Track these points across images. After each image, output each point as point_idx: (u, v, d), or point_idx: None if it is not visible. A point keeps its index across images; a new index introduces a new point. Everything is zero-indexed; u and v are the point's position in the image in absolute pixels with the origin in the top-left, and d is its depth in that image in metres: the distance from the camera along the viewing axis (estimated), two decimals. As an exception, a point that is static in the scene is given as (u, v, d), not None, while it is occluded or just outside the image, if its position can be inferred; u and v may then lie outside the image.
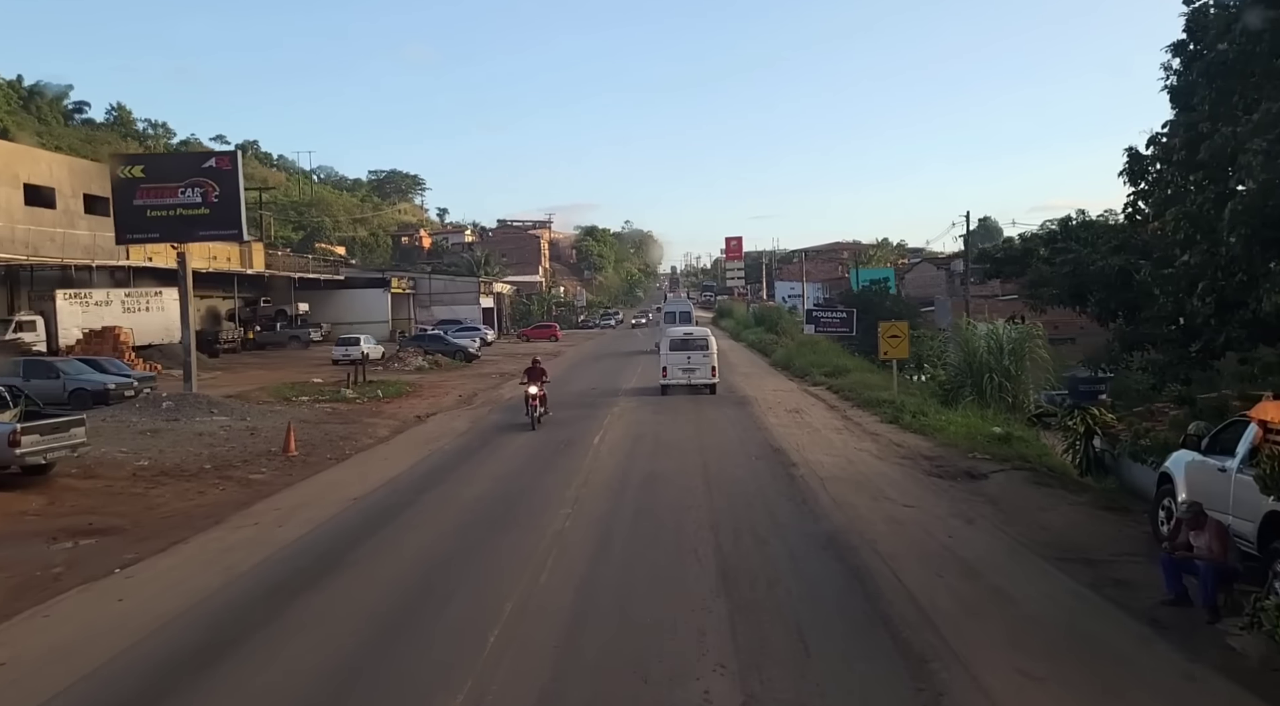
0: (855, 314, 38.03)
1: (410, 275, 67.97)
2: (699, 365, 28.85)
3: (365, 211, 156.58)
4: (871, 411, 23.95)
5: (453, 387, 34.20)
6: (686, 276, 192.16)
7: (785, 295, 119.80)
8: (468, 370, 42.38)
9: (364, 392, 30.51)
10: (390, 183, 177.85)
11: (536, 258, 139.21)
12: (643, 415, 24.83)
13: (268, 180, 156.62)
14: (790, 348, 42.40)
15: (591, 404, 27.62)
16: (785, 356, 40.53)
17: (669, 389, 28.96)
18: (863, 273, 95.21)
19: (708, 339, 30.09)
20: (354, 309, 63.03)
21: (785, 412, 24.63)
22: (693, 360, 28.89)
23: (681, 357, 29.01)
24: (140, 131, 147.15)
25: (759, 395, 29.32)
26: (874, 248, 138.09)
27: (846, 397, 27.26)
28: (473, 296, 67.89)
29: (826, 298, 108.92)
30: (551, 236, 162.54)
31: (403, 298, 66.94)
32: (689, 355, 29.01)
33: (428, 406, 27.95)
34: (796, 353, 39.55)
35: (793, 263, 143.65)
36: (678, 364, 28.98)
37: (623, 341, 61.65)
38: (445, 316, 67.00)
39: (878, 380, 28.90)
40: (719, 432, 21.43)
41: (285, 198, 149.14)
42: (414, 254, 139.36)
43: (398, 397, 30.27)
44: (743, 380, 34.87)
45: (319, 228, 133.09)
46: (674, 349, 29.36)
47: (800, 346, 41.05)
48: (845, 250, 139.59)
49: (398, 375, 39.08)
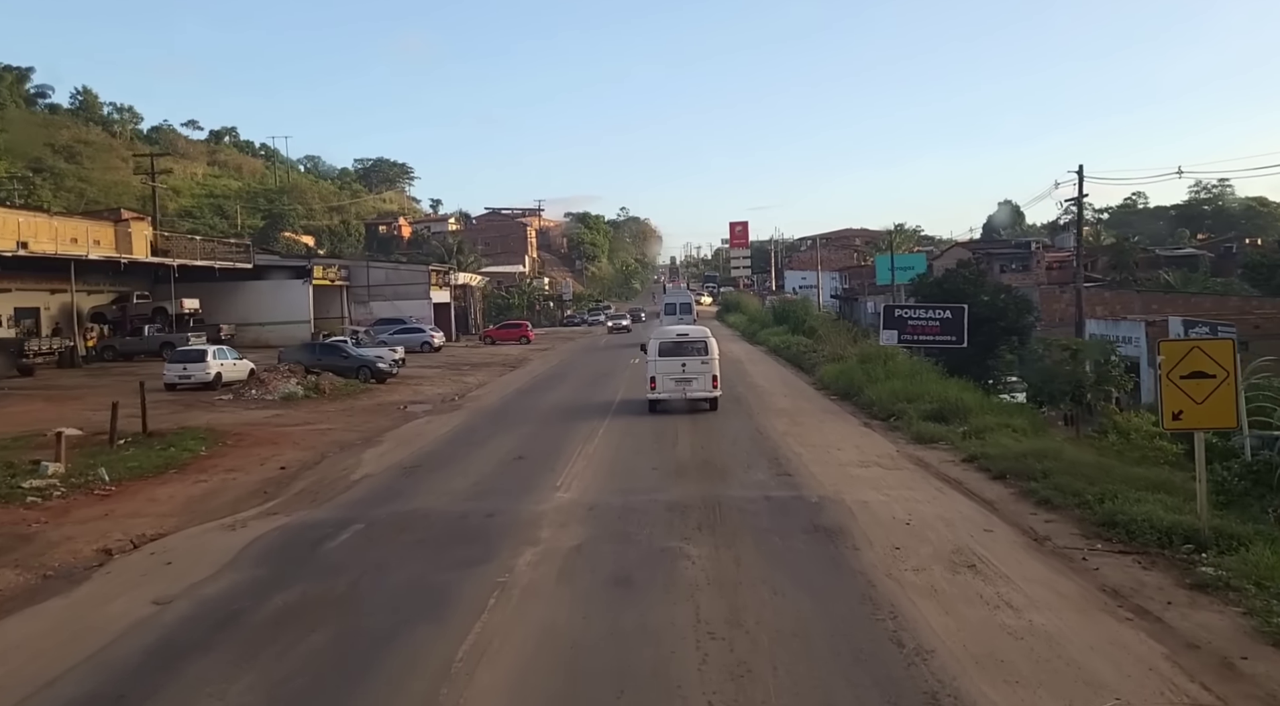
0: (965, 313, 23.79)
1: (343, 263, 53.56)
2: (696, 374, 22.60)
3: (343, 199, 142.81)
4: (1179, 579, 8.94)
5: (299, 442, 19.85)
6: (687, 267, 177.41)
7: (796, 285, 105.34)
8: (367, 398, 28.02)
9: (104, 462, 16.16)
10: (377, 171, 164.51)
11: (524, 247, 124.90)
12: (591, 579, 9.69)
13: (242, 167, 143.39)
14: (847, 362, 27.88)
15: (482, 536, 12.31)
16: (840, 377, 26.04)
17: (658, 404, 22.68)
18: (883, 259, 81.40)
19: (706, 341, 23.32)
20: (267, 306, 48.70)
21: (946, 571, 9.36)
22: (688, 368, 22.68)
23: (674, 365, 22.76)
24: (105, 116, 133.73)
25: (839, 482, 14.15)
26: (892, 233, 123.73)
27: (1049, 505, 11.80)
28: (421, 289, 53.38)
29: (847, 288, 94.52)
30: (542, 224, 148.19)
31: (332, 291, 52.58)
32: (684, 362, 22.77)
33: (157, 516, 13.11)
34: (860, 373, 25.02)
35: (802, 251, 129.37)
36: (670, 373, 22.70)
37: (591, 360, 40.00)
38: (387, 313, 52.68)
39: (1071, 450, 14.52)
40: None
41: (260, 185, 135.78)
42: (392, 244, 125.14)
43: (155, 477, 15.86)
44: (788, 427, 20.34)
45: (282, 215, 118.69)
46: (665, 354, 22.86)
47: (864, 362, 26.47)
48: (857, 237, 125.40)
49: (240, 410, 24.76)
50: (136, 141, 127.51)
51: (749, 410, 22.71)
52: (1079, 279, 35.83)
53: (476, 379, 35.15)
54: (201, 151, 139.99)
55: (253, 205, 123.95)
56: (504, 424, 22.25)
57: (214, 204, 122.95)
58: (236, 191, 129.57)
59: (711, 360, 22.81)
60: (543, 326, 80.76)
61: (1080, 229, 38.77)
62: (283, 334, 48.04)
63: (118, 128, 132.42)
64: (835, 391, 25.30)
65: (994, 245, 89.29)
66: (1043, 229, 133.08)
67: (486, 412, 24.68)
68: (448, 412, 24.88)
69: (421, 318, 52.98)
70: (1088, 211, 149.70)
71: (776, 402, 24.32)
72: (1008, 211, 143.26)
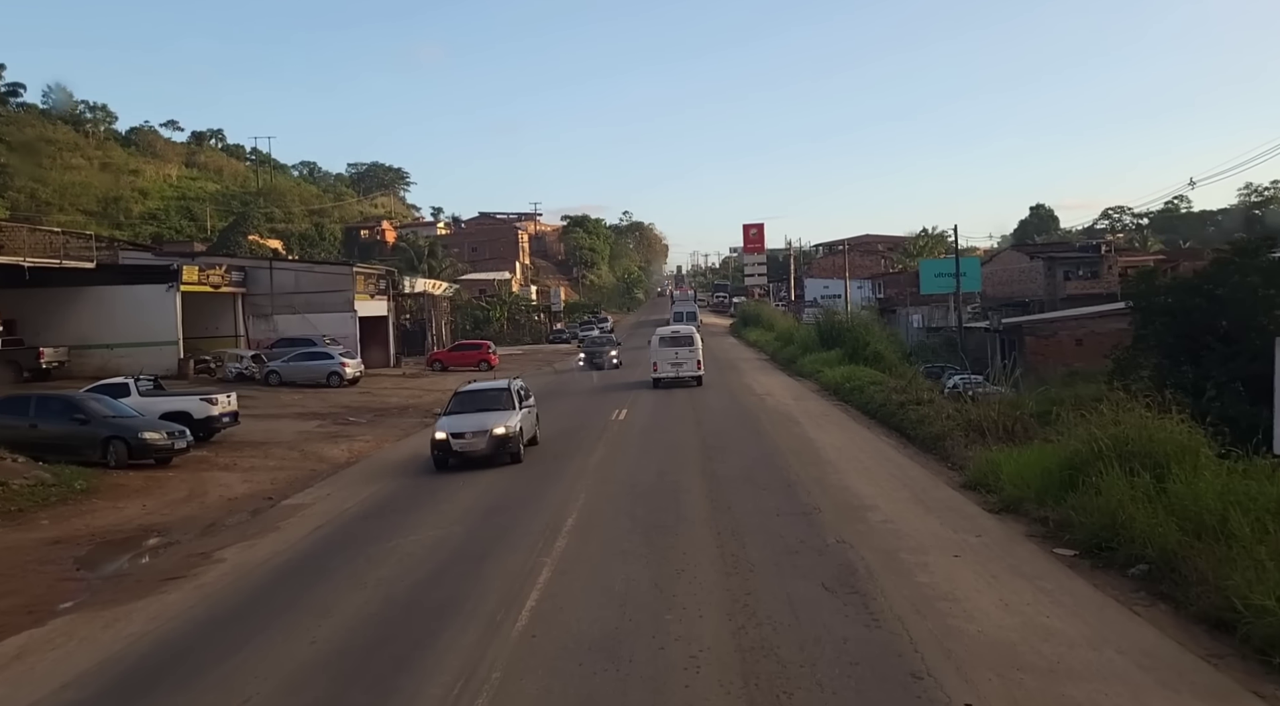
0: None
1: (235, 263, 38.76)
2: (685, 360, 29.68)
3: (325, 202, 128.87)
4: None
5: None
6: (694, 276, 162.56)
7: (818, 295, 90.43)
8: (68, 512, 13.43)
9: None
10: (371, 176, 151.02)
11: (514, 253, 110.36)
12: None
13: (223, 169, 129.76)
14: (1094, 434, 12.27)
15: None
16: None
17: (660, 382, 29.25)
18: (929, 264, 66.68)
19: (693, 337, 30.99)
20: (122, 321, 34.11)
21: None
22: (680, 356, 29.71)
23: (670, 353, 29.79)
24: (78, 114, 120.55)
25: None
26: (921, 238, 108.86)
27: None
28: (344, 299, 38.49)
29: (881, 297, 79.63)
30: (538, 229, 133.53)
31: (222, 300, 37.91)
32: (676, 351, 29.84)
33: None
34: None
35: (819, 257, 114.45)
36: (666, 359, 29.69)
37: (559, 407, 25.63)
38: (298, 330, 38.01)
39: None
40: None
41: (240, 188, 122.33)
42: (374, 249, 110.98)
43: None
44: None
45: (247, 217, 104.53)
46: (664, 345, 30.15)
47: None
48: (879, 243, 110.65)
49: None
50: (112, 142, 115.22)
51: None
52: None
53: (357, 447, 20.59)
54: (180, 153, 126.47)
55: (225, 208, 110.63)
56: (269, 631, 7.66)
57: (183, 206, 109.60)
58: (212, 194, 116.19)
59: (696, 349, 30.10)
60: (525, 343, 66.20)
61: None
62: (142, 359, 33.53)
63: (89, 127, 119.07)
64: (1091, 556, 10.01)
65: (1055, 248, 74.26)
66: (1079, 234, 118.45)
67: (252, 592, 10.03)
68: (168, 589, 10.22)
69: (343, 336, 38.31)
70: (1127, 217, 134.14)
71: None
72: (1037, 216, 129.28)
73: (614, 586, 9.22)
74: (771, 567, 9.69)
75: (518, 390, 18.28)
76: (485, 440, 16.23)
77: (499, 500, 14.00)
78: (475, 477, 15.68)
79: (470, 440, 16.26)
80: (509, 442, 16.44)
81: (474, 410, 17.01)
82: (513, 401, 17.48)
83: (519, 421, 17.04)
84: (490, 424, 16.41)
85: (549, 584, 9.42)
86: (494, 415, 16.70)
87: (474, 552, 10.92)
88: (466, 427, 16.41)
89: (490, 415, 16.69)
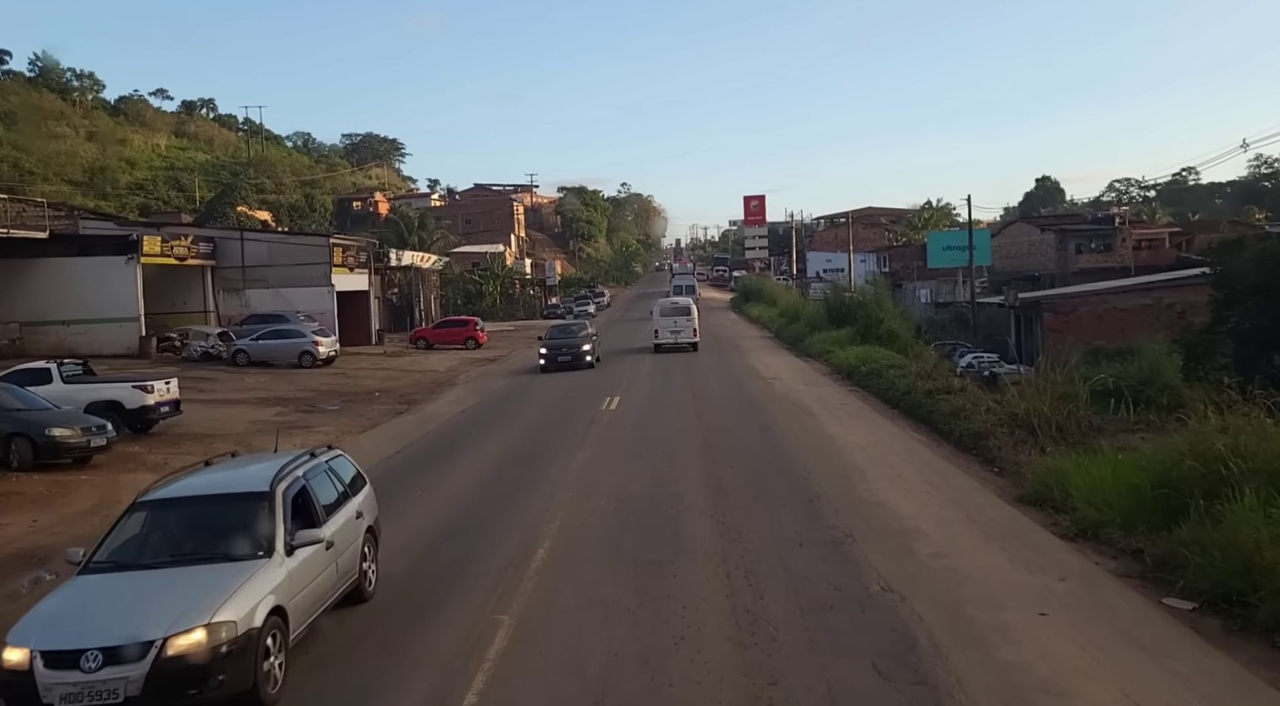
0: None
1: (203, 234, 35.92)
2: (683, 328, 32.30)
3: (317, 173, 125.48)
4: None
5: None
6: (693, 250, 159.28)
7: (821, 269, 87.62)
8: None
9: None
10: (366, 146, 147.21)
11: (510, 225, 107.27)
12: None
13: (214, 139, 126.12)
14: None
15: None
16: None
17: (660, 347, 31.94)
18: (937, 236, 63.94)
19: (690, 308, 33.80)
20: (79, 295, 31.43)
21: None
22: (678, 323, 32.37)
23: (669, 322, 32.45)
24: (64, 83, 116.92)
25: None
26: (925, 210, 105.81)
27: None
28: (320, 272, 35.73)
29: (887, 271, 76.60)
30: (535, 201, 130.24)
31: (190, 273, 35.19)
32: (675, 320, 32.53)
33: None
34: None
35: (821, 230, 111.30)
36: (667, 328, 32.39)
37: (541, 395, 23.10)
38: (272, 305, 35.32)
39: None
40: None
41: (231, 158, 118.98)
42: (367, 221, 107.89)
43: None
44: None
45: (235, 188, 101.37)
46: (664, 315, 32.99)
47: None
48: (882, 215, 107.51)
49: None
50: (100, 111, 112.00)
51: None
52: None
53: (313, 440, 18.05)
54: (170, 122, 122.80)
55: (215, 179, 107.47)
56: None
57: (172, 177, 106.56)
58: (202, 164, 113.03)
59: (693, 319, 32.78)
60: (519, 319, 63.59)
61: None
62: (101, 337, 31.03)
63: (76, 96, 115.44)
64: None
65: (1067, 220, 71.34)
66: (1086, 206, 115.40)
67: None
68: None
69: (320, 312, 35.65)
70: (1134, 189, 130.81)
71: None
72: (1043, 189, 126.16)
73: (588, 667, 6.72)
74: (801, 633, 7.19)
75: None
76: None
77: (455, 519, 11.47)
78: (435, 487, 13.09)
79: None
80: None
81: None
82: None
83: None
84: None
85: (500, 661, 6.90)
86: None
87: (414, 605, 8.38)
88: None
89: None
